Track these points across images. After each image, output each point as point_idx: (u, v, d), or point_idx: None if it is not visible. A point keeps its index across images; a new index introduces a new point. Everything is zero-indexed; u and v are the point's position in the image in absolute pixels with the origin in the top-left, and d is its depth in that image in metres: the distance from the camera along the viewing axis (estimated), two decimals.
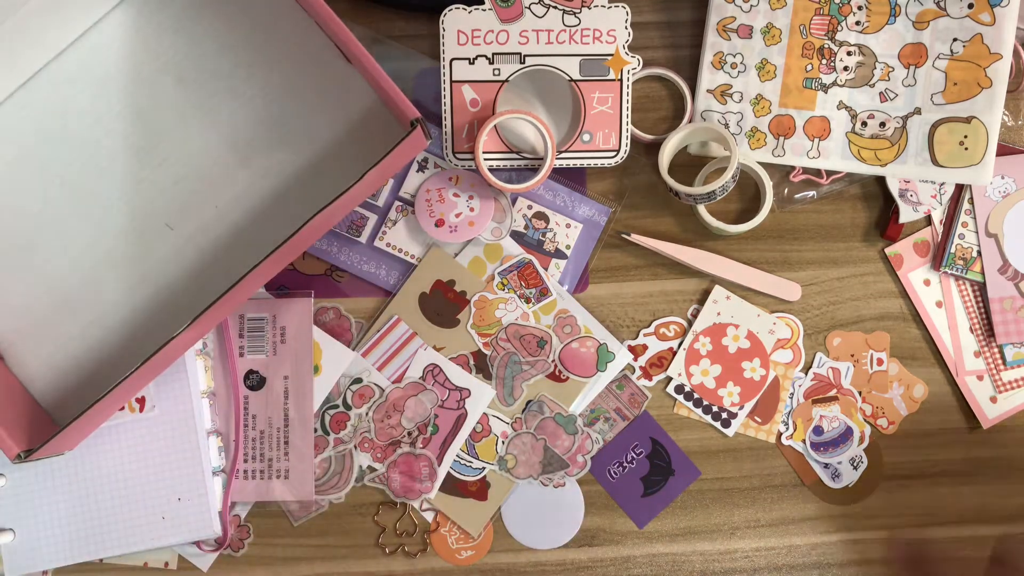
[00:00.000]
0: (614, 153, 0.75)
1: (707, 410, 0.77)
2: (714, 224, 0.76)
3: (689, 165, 0.77)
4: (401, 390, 0.76)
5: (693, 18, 0.77)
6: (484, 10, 0.73)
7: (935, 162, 0.74)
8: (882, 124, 0.74)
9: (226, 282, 0.64)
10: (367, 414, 0.76)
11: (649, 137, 0.77)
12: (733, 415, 0.77)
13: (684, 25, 0.78)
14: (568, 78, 0.74)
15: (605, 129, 0.74)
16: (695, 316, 0.78)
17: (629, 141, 0.75)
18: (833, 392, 0.78)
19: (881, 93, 0.74)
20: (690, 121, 0.77)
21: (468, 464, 0.77)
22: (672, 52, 0.78)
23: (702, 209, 0.76)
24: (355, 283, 0.78)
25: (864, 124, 0.74)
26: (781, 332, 0.77)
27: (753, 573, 0.78)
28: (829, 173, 0.77)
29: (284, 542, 0.77)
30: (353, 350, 0.76)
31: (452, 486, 0.77)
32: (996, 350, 0.78)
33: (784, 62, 0.75)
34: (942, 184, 0.77)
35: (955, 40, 0.73)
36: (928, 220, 0.78)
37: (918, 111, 0.74)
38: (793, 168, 0.77)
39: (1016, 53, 0.74)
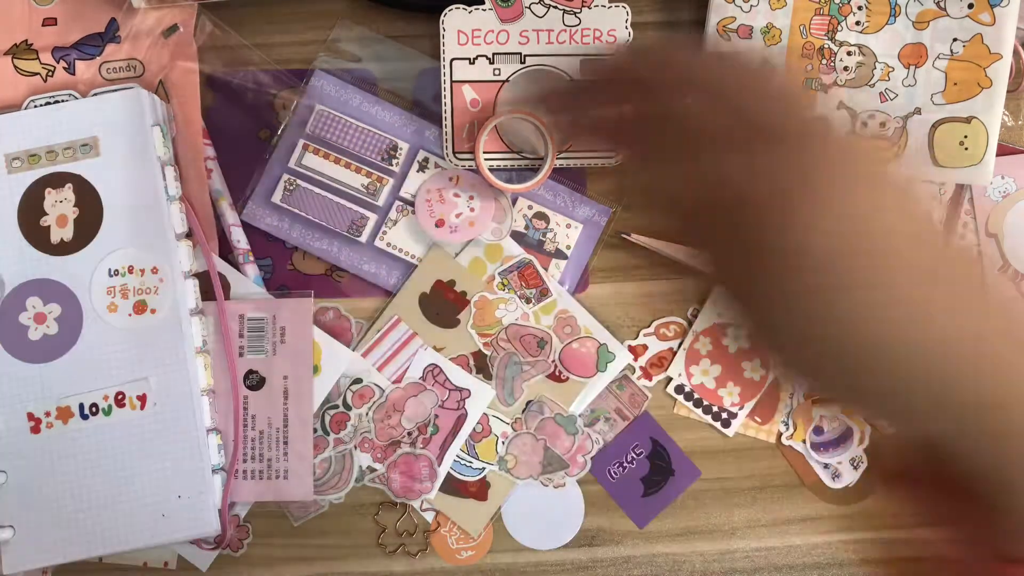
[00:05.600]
0: (615, 153, 0.75)
1: (707, 410, 0.77)
2: None
3: None
4: (401, 390, 0.76)
5: (693, 18, 0.77)
6: (484, 10, 0.73)
7: (935, 162, 0.74)
8: (882, 124, 0.74)
9: None
10: (367, 414, 0.76)
11: None
12: (733, 415, 0.77)
13: (684, 25, 0.78)
14: (568, 78, 0.74)
15: None
16: (695, 316, 0.78)
17: None
18: None
19: (881, 93, 0.74)
20: None
21: (468, 464, 0.77)
22: None
23: None
24: (355, 283, 0.78)
25: (864, 124, 0.75)
26: None
27: (753, 573, 0.78)
28: None
29: (284, 542, 0.77)
30: (353, 350, 0.76)
31: (452, 486, 0.77)
32: None
33: (784, 62, 0.75)
34: (942, 185, 0.77)
35: (955, 40, 0.73)
36: None
37: (918, 111, 0.74)
38: None
39: (1016, 53, 0.74)
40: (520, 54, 0.74)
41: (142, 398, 0.72)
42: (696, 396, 0.77)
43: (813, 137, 0.43)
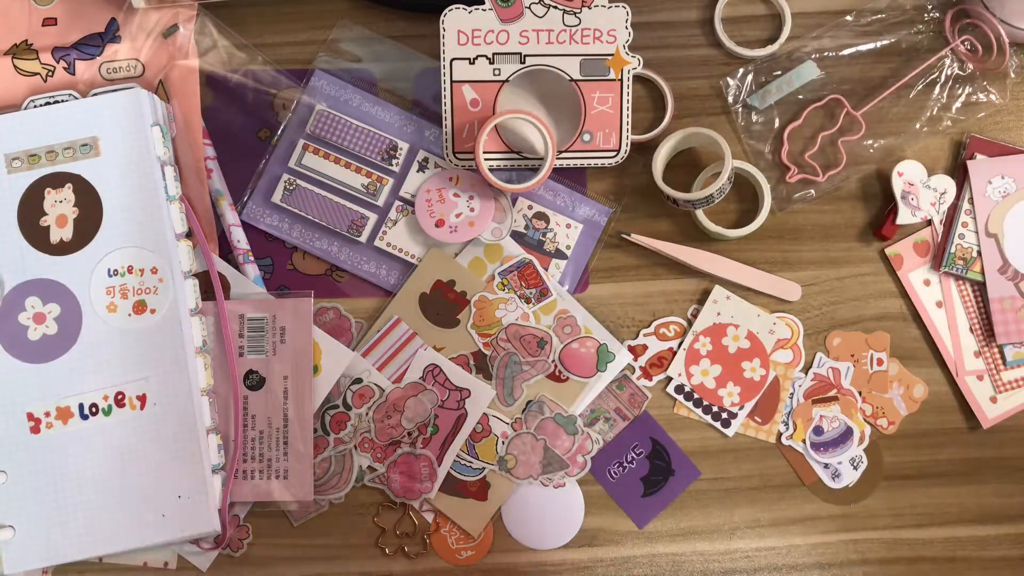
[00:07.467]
0: (614, 153, 0.75)
1: (707, 410, 0.77)
2: (712, 229, 0.76)
3: (684, 166, 0.77)
4: (401, 390, 0.76)
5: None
6: (484, 10, 0.73)
7: None
8: None
9: None
10: (367, 414, 0.76)
11: (643, 137, 0.77)
12: (733, 415, 0.77)
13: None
14: (568, 78, 0.74)
15: (605, 129, 0.74)
16: (695, 316, 0.78)
17: (629, 141, 0.75)
18: (833, 392, 0.78)
19: None
20: (671, 121, 0.77)
21: (468, 464, 0.77)
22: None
23: (700, 214, 0.76)
24: (355, 283, 0.78)
25: None
26: (781, 332, 0.77)
27: (753, 573, 0.78)
28: (824, 171, 0.77)
29: (284, 542, 0.77)
30: (353, 350, 0.76)
31: (452, 486, 0.77)
32: (996, 350, 0.78)
33: None
34: (943, 193, 0.77)
35: None
36: (928, 220, 0.78)
37: None
38: (789, 169, 0.77)
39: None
40: (520, 54, 0.74)
41: (142, 398, 0.72)
42: (696, 396, 0.77)
43: None
